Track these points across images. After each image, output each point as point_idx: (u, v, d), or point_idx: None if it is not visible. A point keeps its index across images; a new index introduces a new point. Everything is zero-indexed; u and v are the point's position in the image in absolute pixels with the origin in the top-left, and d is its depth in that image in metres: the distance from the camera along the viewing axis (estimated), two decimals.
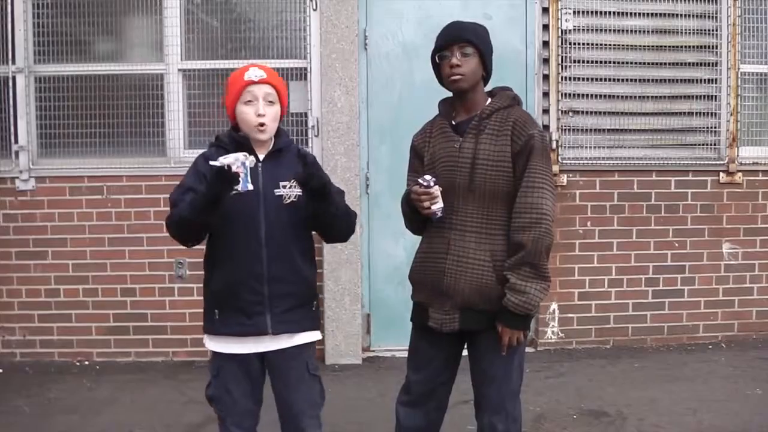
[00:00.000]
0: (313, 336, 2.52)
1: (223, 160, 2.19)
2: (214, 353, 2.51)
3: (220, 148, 2.44)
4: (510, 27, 4.79)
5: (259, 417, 2.55)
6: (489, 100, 2.50)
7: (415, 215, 2.49)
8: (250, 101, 2.40)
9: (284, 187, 2.41)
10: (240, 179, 2.22)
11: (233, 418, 2.49)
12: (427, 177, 2.36)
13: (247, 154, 2.24)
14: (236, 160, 2.19)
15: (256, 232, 2.38)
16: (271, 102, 2.41)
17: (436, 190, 2.36)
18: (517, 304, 2.32)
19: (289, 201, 2.41)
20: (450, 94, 2.57)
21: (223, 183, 2.21)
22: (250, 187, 2.25)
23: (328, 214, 2.39)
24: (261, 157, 2.43)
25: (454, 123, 2.50)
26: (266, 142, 2.46)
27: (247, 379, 2.47)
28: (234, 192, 2.24)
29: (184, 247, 2.47)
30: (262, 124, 2.39)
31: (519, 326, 2.37)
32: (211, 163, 2.21)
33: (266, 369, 2.51)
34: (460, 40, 2.45)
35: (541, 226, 2.32)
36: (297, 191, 2.41)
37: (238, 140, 2.44)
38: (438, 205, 2.38)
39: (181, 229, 2.43)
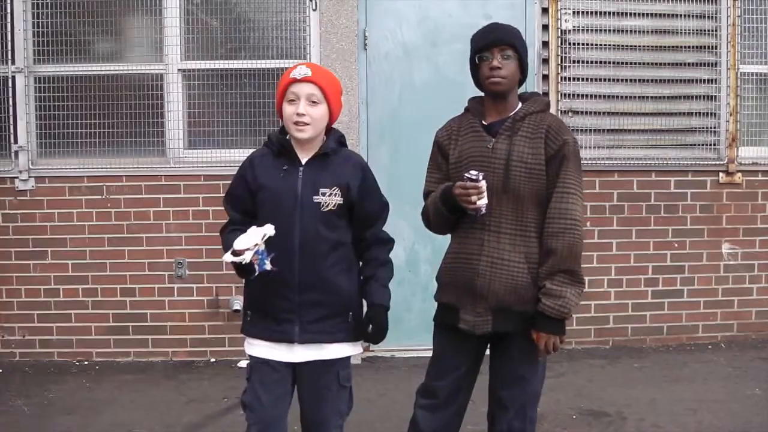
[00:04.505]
0: (347, 350, 2.45)
1: (232, 258, 2.19)
2: (250, 356, 2.46)
3: (269, 150, 2.42)
4: None
5: (287, 429, 2.48)
6: (519, 103, 2.50)
7: (451, 213, 2.44)
8: (292, 100, 2.35)
9: (323, 194, 2.34)
10: (256, 267, 2.23)
11: (259, 425, 2.40)
12: (474, 172, 2.31)
13: (257, 241, 2.20)
14: (246, 251, 2.17)
15: (290, 238, 2.32)
16: (314, 102, 2.34)
17: (484, 184, 2.32)
18: (553, 307, 2.32)
19: (327, 209, 2.35)
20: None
21: (242, 274, 2.26)
22: (268, 267, 2.25)
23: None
24: (303, 160, 2.38)
25: (485, 123, 2.49)
26: (311, 145, 2.39)
27: (276, 384, 2.41)
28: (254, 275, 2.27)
29: (184, 247, 2.45)
30: (298, 123, 2.33)
31: (555, 331, 2.36)
32: (224, 260, 2.22)
33: (297, 374, 2.45)
34: (502, 43, 2.42)
35: (574, 232, 2.35)
36: (337, 200, 2.36)
37: (282, 143, 2.39)
38: (483, 201, 2.33)
39: None
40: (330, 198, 2.35)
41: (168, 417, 3.84)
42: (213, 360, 4.74)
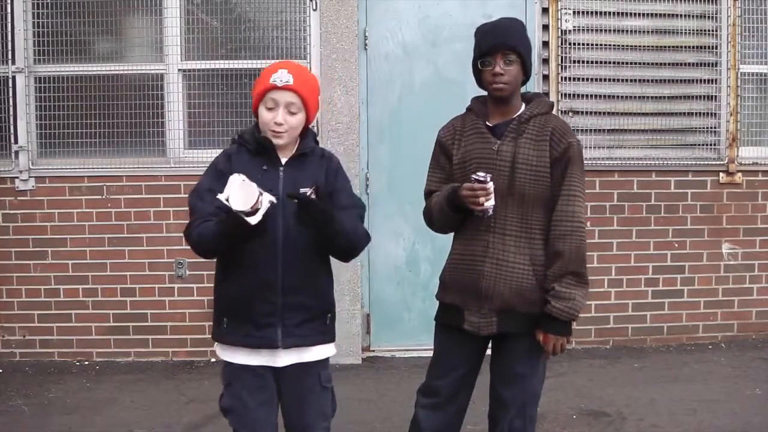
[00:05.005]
0: (326, 351, 2.41)
1: (258, 218, 2.05)
2: (225, 363, 2.38)
3: (242, 147, 2.35)
4: None
5: (278, 429, 2.43)
6: (523, 104, 2.49)
7: (456, 214, 2.44)
8: (271, 108, 2.28)
9: (304, 193, 2.22)
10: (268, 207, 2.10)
11: (248, 430, 2.35)
12: (482, 173, 2.30)
13: (253, 185, 2.08)
14: (260, 197, 2.06)
15: (273, 239, 2.25)
16: (293, 112, 2.28)
17: (492, 186, 2.31)
18: (562, 309, 2.33)
19: None
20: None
21: (259, 227, 2.10)
22: (273, 198, 2.13)
23: (326, 237, 2.27)
24: (283, 160, 2.32)
25: (489, 124, 2.48)
26: (289, 145, 2.34)
27: (260, 389, 2.35)
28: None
29: (184, 247, 2.39)
30: (276, 131, 2.27)
31: (563, 332, 2.38)
32: (254, 222, 2.06)
33: (278, 378, 2.39)
34: (505, 48, 2.40)
35: (579, 234, 2.36)
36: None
37: (261, 143, 2.31)
38: (491, 202, 2.32)
39: (201, 250, 2.29)
40: (311, 197, 2.27)
41: (168, 417, 3.84)
42: (213, 360, 4.73)
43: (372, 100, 4.80)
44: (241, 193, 2.06)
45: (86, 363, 4.74)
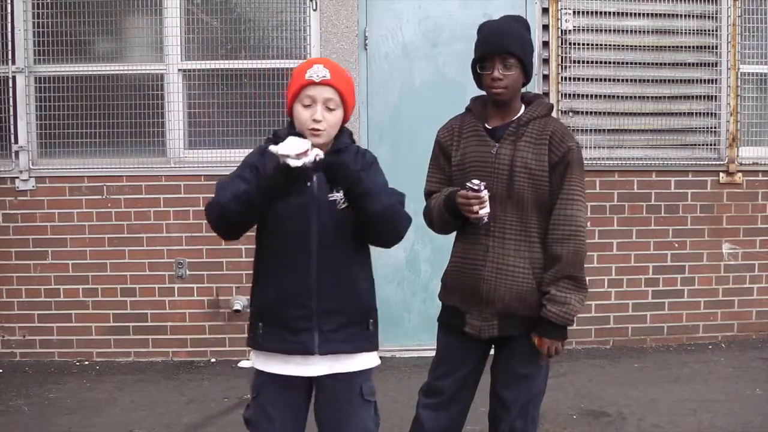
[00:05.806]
0: (368, 360, 2.29)
1: (296, 161, 1.96)
2: (257, 371, 2.28)
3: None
4: None
5: None
6: (523, 106, 2.48)
7: (455, 219, 2.43)
8: (308, 105, 2.17)
9: (338, 191, 2.16)
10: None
11: None
12: (476, 181, 2.29)
13: (308, 147, 2.00)
14: (307, 151, 1.98)
15: (307, 240, 2.17)
16: (331, 108, 2.18)
17: (486, 194, 2.30)
18: (558, 314, 2.33)
19: (343, 206, 2.18)
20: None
21: (295, 180, 2.03)
22: (321, 153, 2.04)
23: (365, 212, 2.14)
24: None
25: (488, 127, 2.47)
26: (325, 143, 2.22)
27: (289, 405, 2.26)
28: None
29: (184, 247, 2.34)
30: (315, 129, 2.17)
31: (558, 336, 2.37)
32: (292, 164, 1.97)
33: (314, 391, 2.29)
34: (503, 52, 2.38)
35: (578, 238, 2.35)
36: None
37: None
38: (485, 210, 2.32)
39: (223, 221, 2.18)
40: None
41: (168, 417, 3.84)
42: (213, 360, 4.74)
43: (372, 100, 4.80)
44: (293, 145, 2.00)
45: (86, 363, 4.74)
